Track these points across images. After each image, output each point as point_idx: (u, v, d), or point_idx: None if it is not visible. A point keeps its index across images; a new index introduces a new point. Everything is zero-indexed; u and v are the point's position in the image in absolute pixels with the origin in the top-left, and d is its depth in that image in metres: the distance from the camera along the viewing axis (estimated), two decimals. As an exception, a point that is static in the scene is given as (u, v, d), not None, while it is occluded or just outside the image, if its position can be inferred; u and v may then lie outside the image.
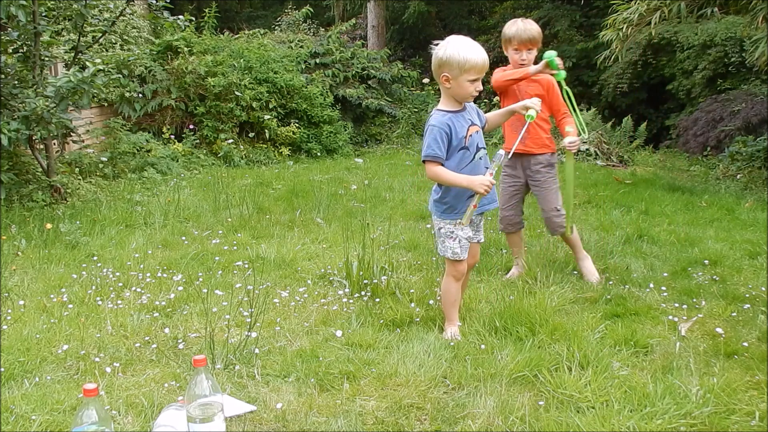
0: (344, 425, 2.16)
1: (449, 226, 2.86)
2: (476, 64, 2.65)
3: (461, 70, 2.64)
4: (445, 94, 2.79)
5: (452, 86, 2.71)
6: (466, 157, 2.78)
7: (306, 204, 5.59)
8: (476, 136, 2.81)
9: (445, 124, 2.73)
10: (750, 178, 7.06)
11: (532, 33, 3.45)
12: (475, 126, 2.82)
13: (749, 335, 2.87)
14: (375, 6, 14.41)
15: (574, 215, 4.11)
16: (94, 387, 1.87)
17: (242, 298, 3.30)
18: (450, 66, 2.66)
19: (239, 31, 10.84)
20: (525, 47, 3.47)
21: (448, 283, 2.94)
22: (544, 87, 3.52)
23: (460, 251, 2.86)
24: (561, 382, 2.39)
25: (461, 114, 2.79)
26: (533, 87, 3.48)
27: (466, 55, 2.63)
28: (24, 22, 5.11)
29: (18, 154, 5.71)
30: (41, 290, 3.49)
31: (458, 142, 2.75)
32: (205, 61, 8.45)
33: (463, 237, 2.86)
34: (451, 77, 2.68)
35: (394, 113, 10.82)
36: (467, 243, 2.89)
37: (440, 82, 2.74)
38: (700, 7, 6.80)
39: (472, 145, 2.79)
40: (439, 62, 2.69)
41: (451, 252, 2.87)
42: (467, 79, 2.66)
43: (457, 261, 2.88)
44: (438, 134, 2.72)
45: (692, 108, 10.41)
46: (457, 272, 2.91)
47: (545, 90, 3.52)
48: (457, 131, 2.75)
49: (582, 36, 14.45)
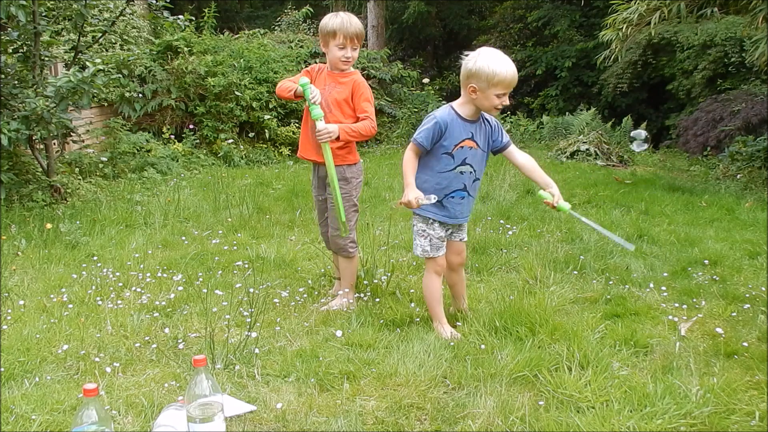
0: (344, 425, 2.16)
1: (421, 224, 2.87)
2: (505, 78, 2.63)
3: (489, 83, 2.64)
4: (464, 100, 2.79)
5: (478, 97, 2.71)
6: (448, 165, 2.79)
7: (306, 204, 5.58)
8: (467, 151, 2.79)
9: (445, 121, 2.74)
10: (750, 178, 7.06)
11: (359, 27, 3.11)
12: (472, 142, 2.80)
13: (749, 335, 2.87)
14: (375, 6, 14.41)
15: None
16: (94, 387, 1.87)
17: (242, 298, 3.30)
18: (478, 78, 2.65)
19: (239, 31, 10.84)
20: (351, 43, 3.11)
21: (430, 280, 2.93)
22: (350, 89, 3.15)
23: (430, 249, 2.87)
24: (561, 382, 2.39)
25: (467, 124, 2.79)
26: (339, 89, 3.14)
27: (495, 69, 2.61)
28: (24, 22, 5.12)
29: (18, 154, 5.71)
30: (41, 290, 3.49)
31: (446, 145, 2.76)
32: (205, 61, 8.46)
33: (434, 236, 2.87)
34: (478, 89, 2.68)
35: (394, 113, 10.82)
36: (439, 242, 2.89)
37: (467, 92, 2.73)
38: (700, 7, 6.80)
39: (458, 156, 2.78)
40: (468, 73, 2.68)
41: (421, 249, 2.89)
42: (494, 93, 2.66)
43: (431, 259, 2.89)
44: (434, 127, 2.74)
45: (692, 108, 10.41)
46: (437, 267, 2.91)
47: (351, 93, 3.15)
48: (452, 135, 2.75)
49: (582, 36, 14.46)
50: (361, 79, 3.21)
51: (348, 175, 3.21)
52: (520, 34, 16.04)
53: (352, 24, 3.09)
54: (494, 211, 5.30)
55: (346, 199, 3.18)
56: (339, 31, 3.07)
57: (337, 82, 3.16)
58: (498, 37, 16.10)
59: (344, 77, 3.18)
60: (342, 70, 3.18)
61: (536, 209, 5.40)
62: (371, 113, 3.17)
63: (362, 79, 3.22)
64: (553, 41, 15.05)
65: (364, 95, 3.16)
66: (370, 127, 3.15)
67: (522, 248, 4.30)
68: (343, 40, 3.08)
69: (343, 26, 3.06)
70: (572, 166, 8.32)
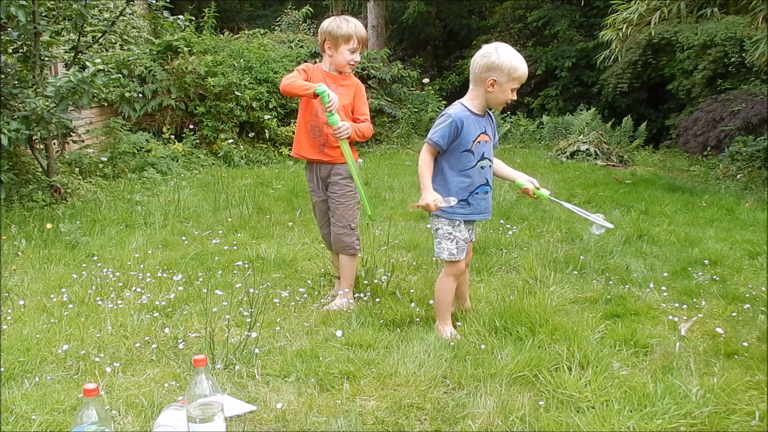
0: (344, 425, 2.16)
1: (447, 227, 2.86)
2: (523, 73, 2.73)
3: (510, 77, 2.71)
4: (474, 95, 2.81)
5: (495, 91, 2.75)
6: (469, 161, 2.80)
7: (306, 204, 5.58)
8: (484, 145, 2.83)
9: (461, 119, 2.76)
10: (750, 178, 7.06)
11: (365, 32, 3.24)
12: (486, 136, 2.84)
13: (749, 335, 2.87)
14: (375, 6, 14.40)
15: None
16: (94, 387, 1.87)
17: (242, 298, 3.30)
18: (501, 71, 2.70)
19: (239, 31, 10.85)
20: (362, 47, 3.20)
21: (448, 283, 2.93)
22: (353, 92, 3.22)
23: (457, 252, 2.87)
24: (561, 382, 2.39)
25: (479, 119, 2.82)
26: (341, 92, 3.15)
27: (516, 64, 2.70)
28: (24, 22, 5.12)
29: (18, 154, 5.72)
30: (41, 290, 3.49)
31: (465, 142, 2.77)
32: (205, 61, 8.46)
33: (461, 238, 2.87)
34: (497, 82, 2.72)
35: (394, 113, 10.82)
36: (464, 244, 2.89)
37: (483, 85, 2.76)
38: (700, 7, 6.81)
39: (478, 152, 2.81)
40: (490, 65, 2.71)
41: (448, 253, 2.87)
42: (511, 86, 2.73)
43: (456, 262, 2.89)
44: (450, 125, 2.75)
45: (692, 108, 10.42)
46: (457, 271, 2.92)
47: (353, 96, 3.22)
48: (468, 131, 2.77)
49: (582, 36, 14.46)
50: (360, 83, 3.31)
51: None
52: (520, 34, 16.05)
53: (363, 29, 3.20)
54: (494, 211, 5.29)
55: (351, 196, 3.23)
56: (354, 35, 3.14)
57: (339, 84, 3.18)
58: (498, 37, 16.08)
59: (345, 80, 3.23)
60: (344, 73, 3.23)
61: (536, 209, 5.41)
62: (368, 116, 3.31)
63: (360, 82, 3.32)
64: (553, 41, 15.05)
65: (364, 99, 3.29)
66: (370, 130, 3.28)
67: (522, 248, 4.30)
68: (357, 44, 3.16)
69: (358, 31, 3.15)
70: (572, 166, 8.32)
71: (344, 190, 3.24)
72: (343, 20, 3.19)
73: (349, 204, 3.25)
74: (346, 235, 3.26)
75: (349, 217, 3.26)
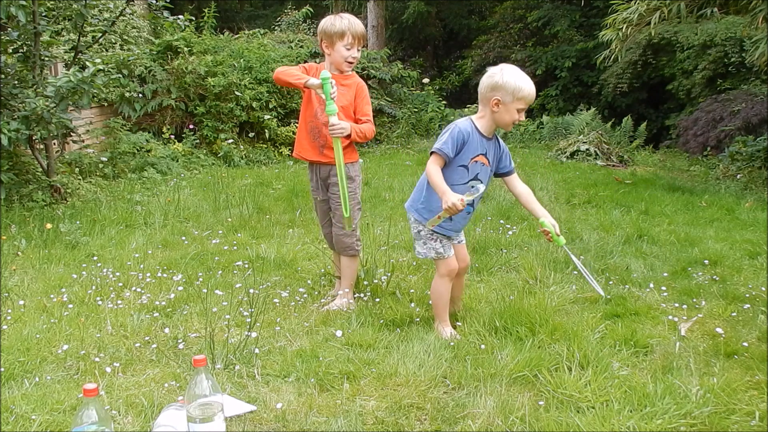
0: (344, 425, 2.16)
1: (426, 231, 2.88)
2: (528, 94, 2.72)
3: (514, 97, 2.70)
4: (481, 114, 2.81)
5: (500, 111, 2.74)
6: (462, 177, 2.80)
7: (306, 204, 5.58)
8: (480, 166, 2.82)
9: (468, 131, 2.76)
10: (750, 178, 7.06)
11: (364, 28, 3.20)
12: (485, 159, 2.83)
13: (749, 335, 2.87)
14: (375, 6, 14.41)
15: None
16: (94, 387, 1.87)
17: (242, 298, 3.30)
18: (505, 91, 2.70)
19: (239, 31, 10.85)
20: (358, 43, 3.16)
21: (442, 285, 2.93)
22: (353, 92, 3.20)
23: (444, 250, 2.88)
24: (561, 382, 2.39)
25: (483, 140, 2.81)
26: (342, 91, 3.13)
27: (520, 84, 2.69)
28: (24, 22, 5.11)
29: (18, 154, 5.71)
30: (41, 290, 3.49)
31: (463, 157, 2.77)
32: (205, 61, 8.45)
33: (443, 236, 2.88)
34: (501, 102, 2.72)
35: (394, 113, 10.82)
36: (448, 241, 2.90)
37: (489, 105, 2.75)
38: (700, 7, 6.81)
39: (472, 170, 2.81)
40: (494, 86, 2.72)
41: (435, 252, 2.88)
42: (516, 107, 2.72)
43: (444, 259, 2.89)
44: (457, 136, 2.75)
45: (692, 108, 10.41)
46: (449, 271, 2.91)
47: (354, 96, 3.20)
48: (470, 147, 2.77)
49: (582, 36, 14.46)
50: (363, 82, 3.26)
51: (352, 173, 3.24)
52: (520, 34, 16.04)
53: (359, 25, 3.15)
54: (494, 211, 5.30)
55: (352, 197, 3.21)
56: (348, 31, 3.11)
57: (339, 84, 3.15)
58: (498, 37, 16.10)
59: (346, 80, 3.20)
60: (344, 72, 3.20)
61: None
62: (371, 116, 3.25)
63: (363, 82, 3.27)
64: (553, 41, 15.05)
65: (366, 98, 3.24)
66: (372, 131, 3.24)
67: (522, 248, 4.30)
68: (352, 40, 3.13)
69: (352, 26, 3.12)
70: (572, 166, 8.32)
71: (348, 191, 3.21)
72: (337, 18, 3.16)
73: (350, 204, 3.24)
74: (347, 235, 3.27)
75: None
